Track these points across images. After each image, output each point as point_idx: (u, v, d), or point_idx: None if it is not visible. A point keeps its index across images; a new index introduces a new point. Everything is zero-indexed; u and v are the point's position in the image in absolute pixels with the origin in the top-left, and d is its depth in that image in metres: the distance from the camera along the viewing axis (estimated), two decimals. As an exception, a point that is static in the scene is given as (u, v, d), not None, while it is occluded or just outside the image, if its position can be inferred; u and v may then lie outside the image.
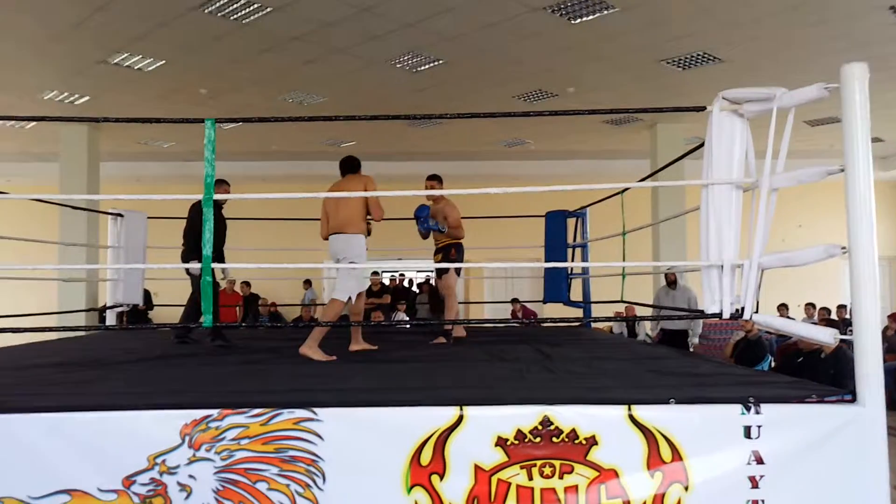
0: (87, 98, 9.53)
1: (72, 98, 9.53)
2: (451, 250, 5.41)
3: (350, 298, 4.50)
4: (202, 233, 3.17)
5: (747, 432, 2.47)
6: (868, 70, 2.64)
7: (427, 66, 8.45)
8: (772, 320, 2.99)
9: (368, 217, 4.58)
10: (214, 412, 2.47)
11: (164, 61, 8.22)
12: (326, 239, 4.71)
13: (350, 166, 4.74)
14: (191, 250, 5.24)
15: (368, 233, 4.67)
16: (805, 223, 13.46)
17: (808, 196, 11.84)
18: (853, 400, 2.56)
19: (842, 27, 7.27)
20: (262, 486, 2.43)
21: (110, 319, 6.98)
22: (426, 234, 5.42)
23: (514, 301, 11.13)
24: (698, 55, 8.15)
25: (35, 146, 12.08)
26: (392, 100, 9.67)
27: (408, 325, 7.36)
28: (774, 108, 2.87)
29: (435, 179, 5.37)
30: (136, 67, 8.37)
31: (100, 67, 8.36)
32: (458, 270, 5.77)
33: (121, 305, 6.86)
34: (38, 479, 2.42)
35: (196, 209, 5.58)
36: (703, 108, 3.15)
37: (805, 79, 3.11)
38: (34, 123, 10.51)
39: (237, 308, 11.46)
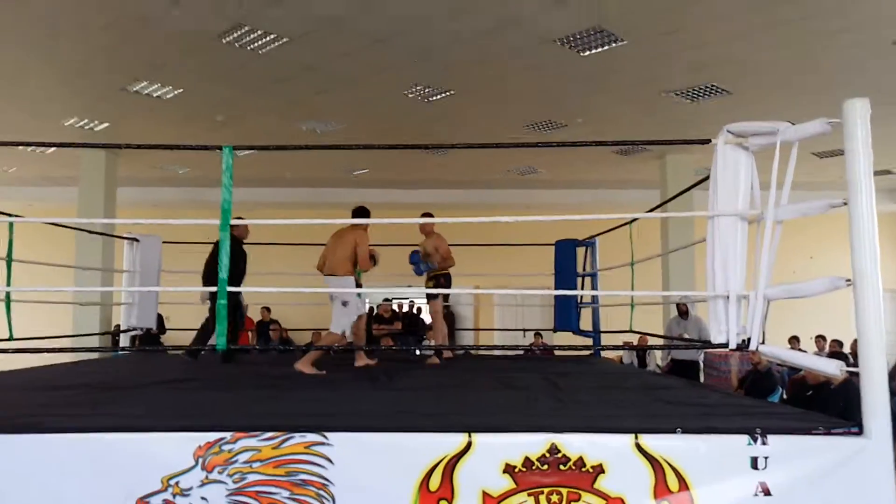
0: (106, 124, 9.74)
1: (92, 124, 9.74)
2: (440, 279, 6.05)
3: (344, 332, 5.09)
4: (219, 260, 3.23)
5: (754, 463, 2.48)
6: (870, 105, 2.68)
7: (439, 97, 8.60)
8: (778, 351, 3.00)
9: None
10: (227, 435, 2.51)
11: (181, 89, 8.41)
12: (320, 271, 5.34)
13: (355, 215, 5.35)
14: (208, 280, 5.69)
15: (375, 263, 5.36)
16: (817, 255, 13.39)
17: (820, 228, 11.81)
18: (860, 432, 2.57)
19: (848, 60, 7.32)
20: (272, 510, 2.46)
21: (123, 343, 7.05)
22: (421, 274, 6.14)
23: (537, 335, 11.26)
24: (707, 87, 8.24)
25: (55, 171, 12.31)
26: (405, 128, 9.80)
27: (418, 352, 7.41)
28: (778, 141, 2.92)
29: (428, 216, 5.89)
30: (154, 95, 8.56)
31: (120, 95, 8.56)
32: (445, 297, 6.33)
33: (134, 329, 6.92)
34: (53, 500, 2.45)
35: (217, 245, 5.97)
36: (708, 141, 3.20)
37: (816, 110, 3.16)
38: (55, 149, 10.72)
39: (249, 333, 11.53)
